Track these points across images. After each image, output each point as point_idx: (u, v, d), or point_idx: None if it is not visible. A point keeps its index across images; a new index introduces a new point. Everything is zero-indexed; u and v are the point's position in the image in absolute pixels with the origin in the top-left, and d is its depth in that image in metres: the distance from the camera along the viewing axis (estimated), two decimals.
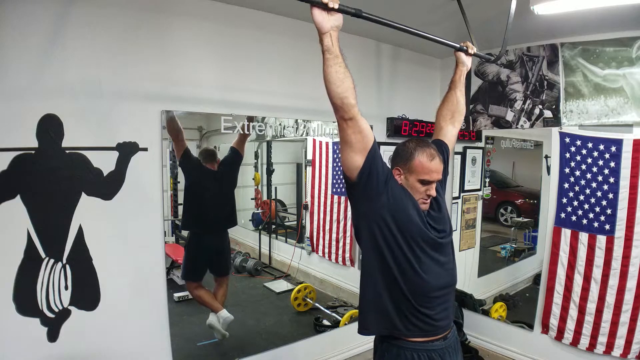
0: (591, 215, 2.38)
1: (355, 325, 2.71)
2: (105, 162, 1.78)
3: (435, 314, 1.30)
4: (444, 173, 1.46)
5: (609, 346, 2.32)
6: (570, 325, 2.46)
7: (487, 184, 3.23)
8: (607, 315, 2.33)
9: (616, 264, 2.29)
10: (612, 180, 2.30)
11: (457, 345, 1.43)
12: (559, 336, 2.50)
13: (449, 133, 1.62)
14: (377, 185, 1.25)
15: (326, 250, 2.94)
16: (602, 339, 2.34)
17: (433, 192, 1.33)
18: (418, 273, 1.27)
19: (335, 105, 1.20)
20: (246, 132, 2.20)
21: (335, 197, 2.85)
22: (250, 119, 2.21)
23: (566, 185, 2.47)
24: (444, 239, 1.35)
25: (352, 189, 1.29)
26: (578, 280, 2.43)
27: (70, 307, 1.74)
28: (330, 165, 2.83)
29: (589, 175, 2.39)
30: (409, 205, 1.30)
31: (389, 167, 1.34)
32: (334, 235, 2.90)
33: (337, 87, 1.17)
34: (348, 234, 2.85)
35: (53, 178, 1.68)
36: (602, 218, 2.34)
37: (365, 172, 1.24)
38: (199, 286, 2.32)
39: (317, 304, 2.82)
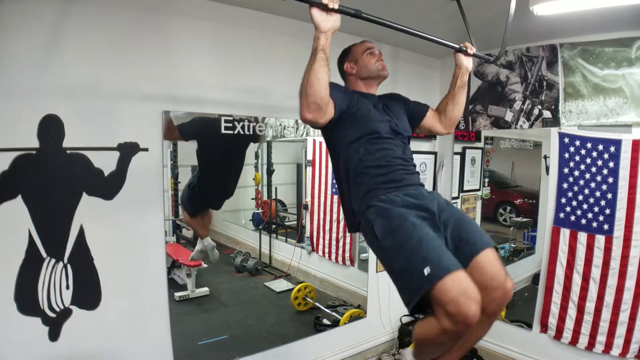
0: (590, 215, 2.39)
1: (355, 324, 2.71)
2: (106, 163, 1.78)
3: (392, 172, 1.39)
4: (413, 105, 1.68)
5: (608, 345, 2.33)
6: (569, 324, 2.46)
7: (486, 184, 3.24)
8: (606, 314, 2.33)
9: (615, 264, 2.30)
10: (610, 180, 2.31)
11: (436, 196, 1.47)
12: (558, 335, 2.51)
13: (430, 119, 1.71)
14: (345, 112, 1.38)
15: (326, 250, 2.94)
16: (601, 338, 2.35)
17: (376, 51, 1.55)
18: (368, 124, 1.41)
19: (313, 106, 1.20)
20: (246, 132, 2.22)
21: (335, 197, 2.85)
22: (251, 119, 2.21)
23: (565, 185, 2.48)
24: (400, 132, 1.50)
25: (327, 132, 1.44)
26: (577, 279, 2.44)
27: (72, 307, 1.74)
28: (330, 165, 2.84)
29: (587, 175, 2.40)
30: (363, 103, 1.45)
31: (340, 91, 1.40)
32: (333, 235, 2.91)
33: (326, 90, 1.19)
34: (348, 233, 2.86)
35: (54, 178, 1.69)
36: (601, 218, 2.35)
37: (336, 117, 1.34)
38: (193, 217, 2.44)
39: (317, 304, 2.82)
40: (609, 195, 2.31)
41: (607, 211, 2.32)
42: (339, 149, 1.43)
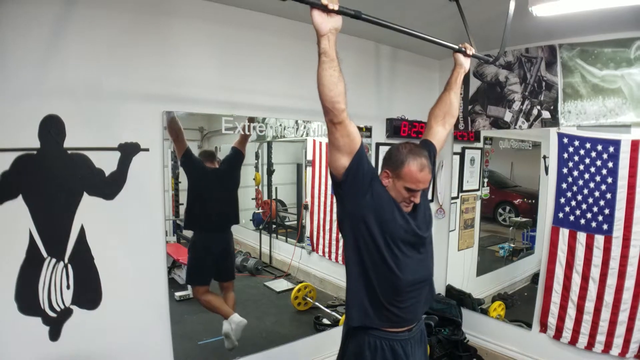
0: (589, 215, 2.39)
1: None
2: (107, 163, 1.79)
3: (404, 307, 1.37)
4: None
5: (607, 345, 2.34)
6: (569, 324, 2.47)
7: (485, 184, 3.24)
8: (606, 314, 2.34)
9: (614, 264, 2.30)
10: (610, 180, 2.32)
11: (422, 338, 1.50)
12: (557, 335, 2.52)
13: (439, 134, 1.65)
14: (362, 186, 1.31)
15: (326, 249, 2.95)
16: (601, 337, 2.36)
17: (417, 200, 1.37)
18: (391, 270, 1.33)
19: (325, 109, 1.22)
20: (247, 132, 2.21)
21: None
22: (251, 119, 2.22)
23: (564, 186, 2.48)
24: (422, 236, 1.40)
25: (338, 187, 1.34)
26: (576, 279, 2.44)
27: (72, 307, 1.75)
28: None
29: (587, 176, 2.40)
30: (392, 206, 1.35)
31: (373, 168, 1.38)
32: (333, 235, 2.91)
33: (329, 91, 1.19)
34: None
35: (55, 178, 1.69)
36: (600, 218, 2.35)
37: (351, 172, 1.29)
38: (206, 291, 2.28)
39: (317, 303, 2.82)
40: (608, 195, 2.32)
41: (606, 211, 2.33)
42: (354, 245, 1.36)
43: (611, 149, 2.31)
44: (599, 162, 2.35)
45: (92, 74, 1.73)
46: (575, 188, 2.44)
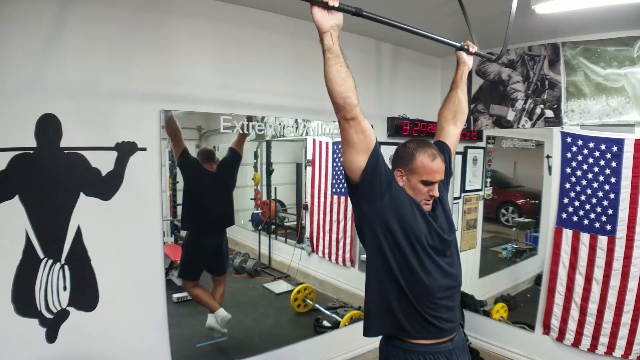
0: (592, 216, 2.37)
1: (355, 326, 2.70)
2: (103, 162, 1.77)
3: (439, 315, 1.29)
4: (446, 174, 1.44)
5: (610, 347, 2.31)
6: (572, 326, 2.45)
7: (488, 184, 3.22)
8: (609, 316, 2.32)
9: (617, 265, 2.28)
10: (613, 180, 2.29)
11: (465, 346, 1.42)
12: (560, 337, 2.49)
13: (451, 133, 1.61)
14: (380, 187, 1.25)
15: (326, 250, 2.92)
16: (604, 339, 2.34)
17: (436, 193, 1.32)
18: (419, 275, 1.26)
19: (337, 105, 1.19)
20: (245, 131, 2.19)
21: (335, 197, 2.83)
22: (250, 118, 2.20)
23: (567, 185, 2.46)
24: (447, 239, 1.34)
25: (355, 190, 1.27)
26: (579, 280, 2.42)
27: (69, 308, 1.73)
28: (330, 165, 2.82)
29: (590, 175, 2.38)
30: (412, 206, 1.29)
31: (390, 170, 1.34)
32: (333, 236, 2.89)
33: (339, 87, 1.16)
34: (348, 234, 2.84)
35: (52, 178, 1.67)
36: (604, 218, 2.33)
37: (368, 173, 1.23)
38: (196, 285, 2.30)
39: (317, 305, 2.81)
40: (612, 196, 2.30)
41: (610, 211, 2.30)
42: (378, 250, 1.29)
43: (615, 149, 2.29)
44: (602, 162, 2.33)
45: (89, 72, 1.72)
46: (578, 188, 2.41)
